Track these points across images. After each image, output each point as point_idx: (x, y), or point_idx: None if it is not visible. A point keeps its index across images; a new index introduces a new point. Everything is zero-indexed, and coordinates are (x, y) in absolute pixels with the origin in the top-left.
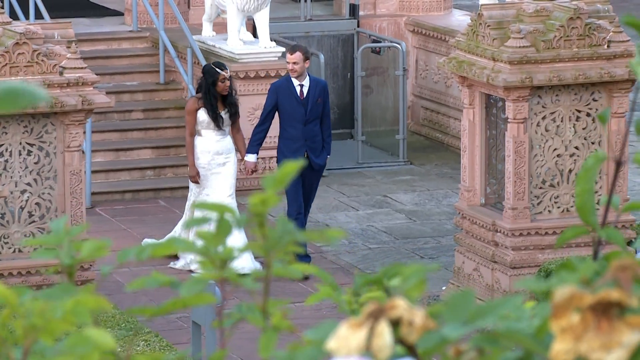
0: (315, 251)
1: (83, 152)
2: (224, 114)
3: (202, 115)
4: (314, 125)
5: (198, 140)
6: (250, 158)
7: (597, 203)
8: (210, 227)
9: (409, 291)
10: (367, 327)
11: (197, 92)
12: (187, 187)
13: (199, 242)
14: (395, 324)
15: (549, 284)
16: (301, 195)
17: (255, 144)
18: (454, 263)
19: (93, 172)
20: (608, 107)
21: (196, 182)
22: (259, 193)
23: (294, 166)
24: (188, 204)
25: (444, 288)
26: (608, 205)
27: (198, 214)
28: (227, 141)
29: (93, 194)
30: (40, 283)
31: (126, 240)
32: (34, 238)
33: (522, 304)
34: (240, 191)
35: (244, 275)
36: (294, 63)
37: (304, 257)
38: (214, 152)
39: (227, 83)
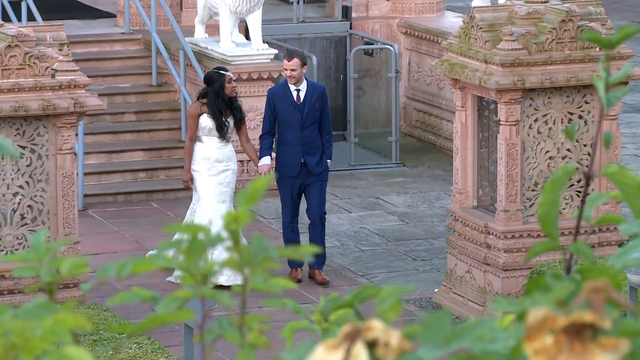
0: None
1: (75, 154)
2: (230, 120)
3: (206, 121)
4: (312, 131)
5: (198, 147)
6: (265, 161)
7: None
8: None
9: (384, 313)
10: (344, 349)
11: (198, 99)
12: (179, 189)
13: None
14: (372, 345)
15: (523, 306)
16: (296, 204)
17: (266, 148)
18: (447, 265)
19: (85, 174)
20: (575, 122)
21: (188, 188)
22: (232, 212)
23: (264, 182)
24: (188, 212)
25: (436, 290)
26: (579, 218)
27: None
28: (228, 149)
29: (85, 196)
30: (32, 286)
31: (119, 242)
32: (14, 254)
33: (496, 325)
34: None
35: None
36: (292, 70)
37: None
38: (214, 159)
39: (234, 84)
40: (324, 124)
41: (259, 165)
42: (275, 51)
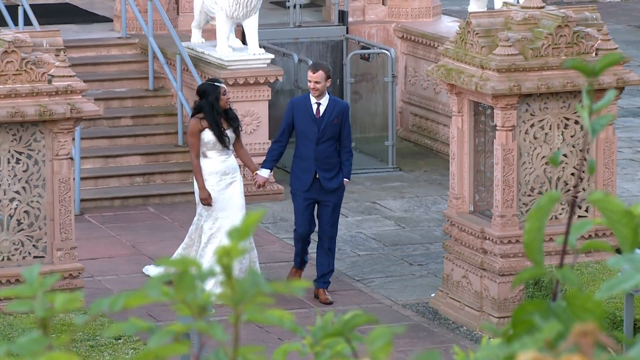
0: None
1: (72, 159)
2: (230, 132)
3: (208, 135)
4: (329, 146)
5: (204, 163)
6: (263, 173)
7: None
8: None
9: (375, 353)
10: None
11: (194, 115)
12: (176, 194)
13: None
14: None
15: (512, 349)
16: (311, 219)
17: (271, 160)
18: (443, 270)
19: (82, 178)
20: (559, 149)
21: (209, 205)
22: (224, 246)
23: (256, 217)
24: (191, 228)
25: (432, 295)
26: (565, 245)
27: (205, 240)
28: (232, 160)
29: (82, 200)
30: None
31: (115, 247)
32: (10, 288)
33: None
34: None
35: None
36: (316, 82)
37: (302, 263)
38: (221, 172)
39: (228, 96)
40: (344, 142)
41: (257, 175)
42: (272, 56)
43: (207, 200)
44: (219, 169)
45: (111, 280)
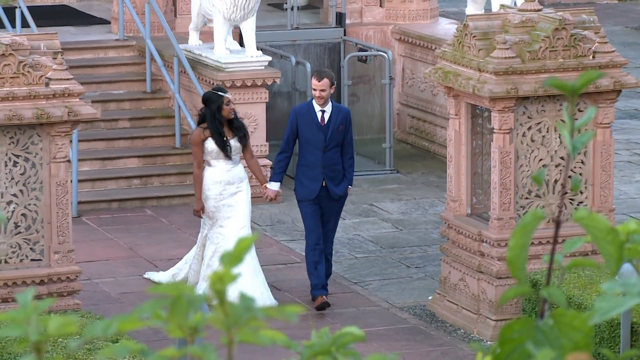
0: (302, 260)
1: (69, 161)
2: (233, 142)
3: (211, 145)
4: (334, 154)
5: (208, 171)
6: (273, 186)
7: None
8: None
9: None
10: None
11: (199, 124)
12: (173, 196)
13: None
14: None
15: None
16: (320, 225)
17: (279, 172)
18: (440, 273)
19: (79, 181)
20: (542, 169)
21: (199, 217)
22: (217, 271)
23: (249, 240)
24: (200, 236)
25: (430, 298)
26: (551, 263)
27: (210, 254)
28: (238, 170)
29: (79, 203)
30: None
31: (113, 249)
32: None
33: None
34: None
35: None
36: (322, 90)
37: (323, 288)
38: (225, 182)
39: (232, 106)
40: (346, 148)
41: (267, 189)
42: (269, 58)
43: (198, 213)
44: (222, 179)
45: (108, 283)
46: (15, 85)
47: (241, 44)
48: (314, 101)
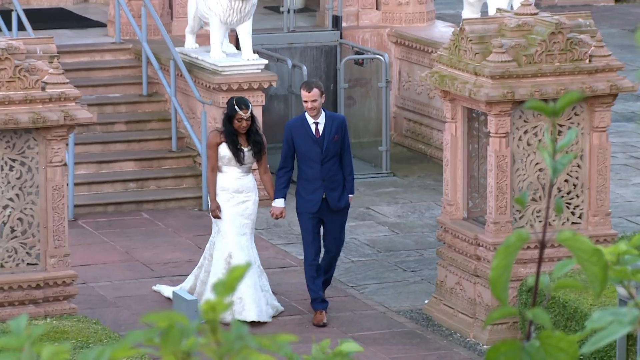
0: (298, 264)
1: (65, 164)
2: (247, 151)
3: (224, 150)
4: (333, 164)
5: (218, 177)
6: (278, 203)
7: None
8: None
9: None
10: None
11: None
12: (170, 200)
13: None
14: None
15: None
16: (319, 240)
17: (281, 188)
18: (437, 277)
19: (76, 184)
20: (525, 191)
21: (217, 216)
22: (209, 300)
23: (241, 271)
24: (208, 245)
25: (426, 302)
26: (537, 285)
27: (216, 268)
28: (249, 179)
29: (76, 206)
30: (22, 298)
31: (109, 253)
32: None
33: None
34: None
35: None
36: (313, 101)
37: (322, 303)
38: (234, 189)
39: (244, 123)
40: (344, 156)
41: (272, 206)
42: (266, 61)
43: (215, 212)
44: (231, 186)
45: (105, 287)
46: (11, 89)
47: (237, 47)
48: (306, 114)
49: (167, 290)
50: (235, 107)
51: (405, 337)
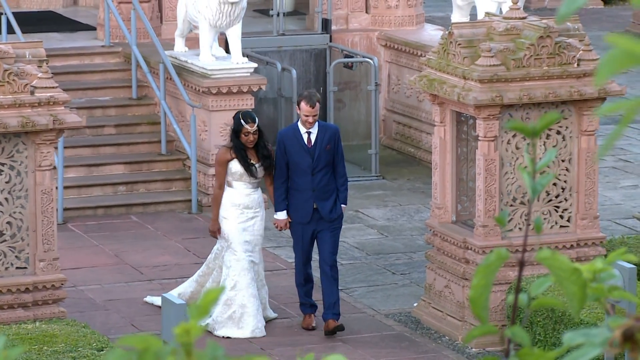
0: (287, 267)
1: (55, 168)
2: (258, 166)
3: (235, 166)
4: (324, 175)
5: (228, 193)
6: (281, 215)
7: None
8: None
9: None
10: None
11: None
12: (159, 203)
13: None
14: None
15: None
16: (310, 250)
17: (281, 200)
18: (425, 280)
19: (65, 187)
20: (505, 211)
21: (215, 237)
22: (184, 323)
23: (215, 294)
24: (210, 256)
25: (415, 305)
26: (515, 302)
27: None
28: (258, 195)
29: (65, 209)
30: (11, 302)
31: (98, 256)
32: None
33: None
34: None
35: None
36: (314, 116)
37: (311, 307)
38: (244, 206)
39: (251, 137)
40: (337, 167)
41: (275, 219)
42: (255, 65)
43: (214, 234)
44: (241, 202)
45: (94, 290)
46: (0, 93)
47: (227, 50)
48: (299, 123)
49: (158, 301)
50: (242, 121)
51: (394, 340)
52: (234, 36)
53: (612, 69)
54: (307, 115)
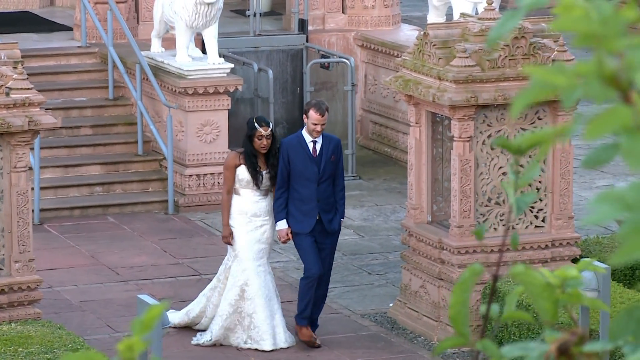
0: (279, 269)
1: (31, 168)
2: (266, 174)
3: (243, 173)
4: (327, 185)
5: (235, 200)
6: (282, 225)
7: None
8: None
9: None
10: None
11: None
12: (136, 203)
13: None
14: None
15: None
16: (318, 257)
17: (281, 210)
18: (401, 280)
19: (41, 188)
20: (482, 225)
21: (228, 243)
22: (128, 340)
23: (158, 310)
24: (222, 268)
25: (390, 305)
26: (487, 315)
27: (230, 284)
28: (266, 203)
29: (42, 210)
30: None
31: (75, 257)
32: None
33: None
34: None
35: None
36: (323, 124)
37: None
38: (252, 213)
39: (265, 141)
40: (337, 179)
41: (276, 230)
42: (232, 65)
43: (227, 239)
44: (248, 210)
45: (70, 291)
46: None
47: (203, 51)
48: (303, 132)
49: (174, 318)
50: (255, 124)
51: (370, 341)
52: (210, 37)
53: (526, 100)
54: (315, 124)
